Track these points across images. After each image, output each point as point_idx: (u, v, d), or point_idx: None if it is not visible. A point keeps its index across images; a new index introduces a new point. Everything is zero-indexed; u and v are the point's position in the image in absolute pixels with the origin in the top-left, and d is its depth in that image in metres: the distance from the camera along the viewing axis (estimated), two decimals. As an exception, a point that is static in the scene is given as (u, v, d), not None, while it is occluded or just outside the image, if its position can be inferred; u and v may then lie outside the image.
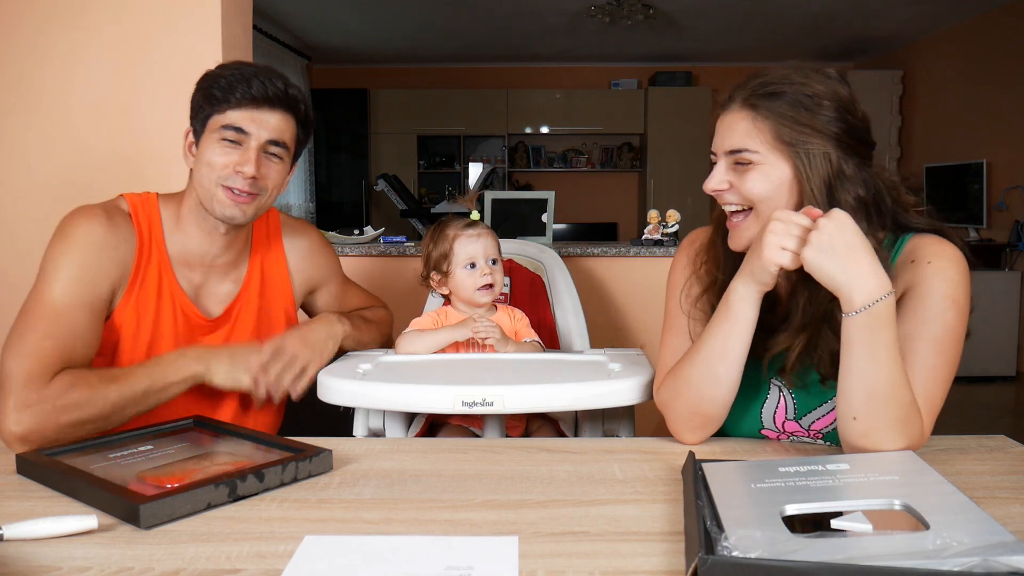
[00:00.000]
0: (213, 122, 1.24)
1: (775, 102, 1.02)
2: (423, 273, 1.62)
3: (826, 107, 1.01)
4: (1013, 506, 0.86)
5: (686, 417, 1.09)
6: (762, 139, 1.02)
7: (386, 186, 3.79)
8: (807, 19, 5.83)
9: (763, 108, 1.02)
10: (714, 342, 1.05)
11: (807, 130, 1.00)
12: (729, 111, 1.07)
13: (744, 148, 1.03)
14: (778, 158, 1.02)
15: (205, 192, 1.26)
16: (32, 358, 1.08)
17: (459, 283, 1.57)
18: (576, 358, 1.46)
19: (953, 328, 1.01)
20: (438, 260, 1.58)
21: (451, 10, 5.64)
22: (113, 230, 1.21)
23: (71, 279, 1.15)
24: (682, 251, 1.25)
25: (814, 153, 1.00)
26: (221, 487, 0.86)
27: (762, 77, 1.05)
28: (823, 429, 1.10)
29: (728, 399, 1.07)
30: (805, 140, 1.00)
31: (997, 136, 5.37)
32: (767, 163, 1.02)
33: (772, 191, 1.03)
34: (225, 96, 1.23)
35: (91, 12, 2.10)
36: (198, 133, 1.27)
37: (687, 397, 1.08)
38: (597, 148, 7.96)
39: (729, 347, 1.04)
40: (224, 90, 1.23)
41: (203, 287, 1.32)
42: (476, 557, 0.73)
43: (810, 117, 1.01)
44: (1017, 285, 4.98)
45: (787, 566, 0.63)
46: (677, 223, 2.90)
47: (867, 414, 0.93)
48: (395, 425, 1.39)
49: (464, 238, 1.58)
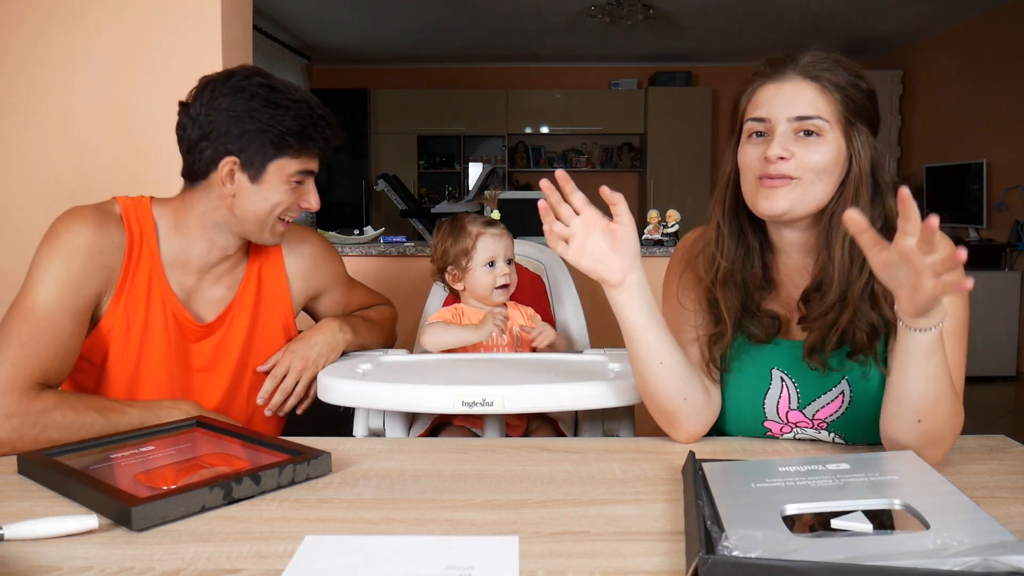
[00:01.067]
0: (281, 165, 1.23)
1: (838, 78, 1.04)
2: (438, 266, 1.63)
3: (871, 94, 1.06)
4: (1013, 506, 0.86)
5: (656, 415, 1.12)
6: (830, 110, 1.04)
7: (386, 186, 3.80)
8: (807, 19, 5.83)
9: (827, 82, 1.04)
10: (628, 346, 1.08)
11: (862, 111, 1.05)
12: (787, 80, 1.05)
13: (817, 115, 1.03)
14: (839, 134, 1.04)
15: (256, 223, 1.25)
16: (14, 365, 1.07)
17: (477, 281, 1.59)
18: (576, 358, 1.46)
19: (963, 318, 1.04)
20: (458, 255, 1.59)
21: (451, 10, 5.64)
22: (102, 232, 1.19)
23: (57, 283, 1.14)
24: (677, 254, 1.25)
25: (864, 135, 1.05)
26: (216, 489, 0.85)
27: (815, 54, 1.06)
28: (827, 418, 1.10)
29: (676, 390, 1.07)
30: (859, 121, 1.05)
31: (997, 136, 5.37)
32: (831, 137, 1.04)
33: (831, 162, 1.04)
34: (302, 145, 1.22)
35: (91, 12, 2.10)
36: (251, 168, 1.22)
37: (643, 397, 1.12)
38: (597, 148, 7.97)
39: (636, 347, 1.06)
40: (299, 139, 1.22)
41: (196, 292, 1.30)
42: (476, 557, 0.73)
43: (863, 99, 1.05)
44: (1017, 285, 4.98)
45: (787, 566, 0.63)
46: (677, 223, 2.90)
47: (932, 413, 0.95)
48: (395, 425, 1.39)
49: (487, 236, 1.60)
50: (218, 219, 1.26)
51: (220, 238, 1.28)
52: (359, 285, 1.60)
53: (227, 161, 1.21)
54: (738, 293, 1.12)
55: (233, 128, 1.19)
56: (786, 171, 1.03)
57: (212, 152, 1.21)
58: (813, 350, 1.07)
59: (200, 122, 1.21)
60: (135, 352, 1.23)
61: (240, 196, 1.23)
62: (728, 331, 1.11)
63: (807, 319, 1.07)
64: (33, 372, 1.08)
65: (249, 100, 1.19)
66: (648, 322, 1.04)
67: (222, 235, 1.27)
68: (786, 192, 1.04)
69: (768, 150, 1.03)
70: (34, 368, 1.08)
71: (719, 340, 1.12)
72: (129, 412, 1.12)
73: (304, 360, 1.34)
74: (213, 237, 1.27)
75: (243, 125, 1.19)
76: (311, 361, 1.35)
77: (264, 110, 1.19)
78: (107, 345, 1.22)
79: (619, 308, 1.04)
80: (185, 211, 1.27)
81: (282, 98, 1.21)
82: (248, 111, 1.19)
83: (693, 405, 1.09)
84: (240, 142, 1.20)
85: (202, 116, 1.20)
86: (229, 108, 1.19)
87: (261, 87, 1.21)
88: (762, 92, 1.07)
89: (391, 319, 1.62)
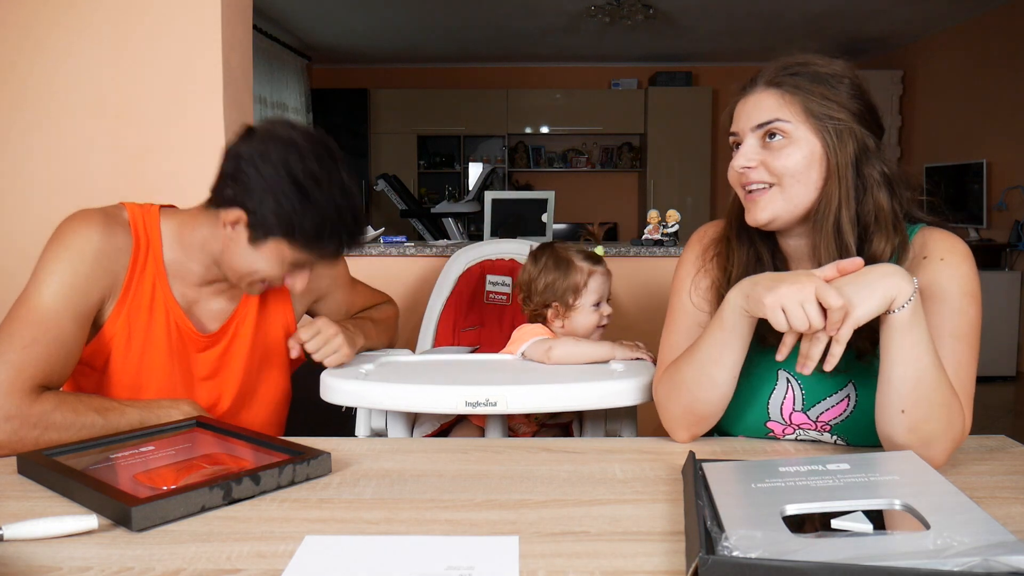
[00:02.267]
0: (281, 248, 1.18)
1: (799, 79, 1.05)
2: (542, 300, 1.56)
3: (846, 83, 1.05)
4: (1013, 506, 0.86)
5: (679, 415, 1.10)
6: (792, 111, 1.04)
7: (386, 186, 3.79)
8: (807, 19, 5.83)
9: (788, 85, 1.05)
10: (709, 348, 1.06)
11: (833, 105, 1.04)
12: (752, 93, 1.08)
13: (776, 118, 1.05)
14: (808, 132, 1.04)
15: (235, 275, 1.23)
16: (15, 367, 1.07)
17: (582, 321, 1.55)
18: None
19: (974, 321, 1.03)
20: (565, 292, 1.53)
21: (451, 10, 5.64)
22: (109, 238, 1.18)
23: (62, 286, 1.13)
24: (691, 246, 1.24)
25: (841, 128, 1.03)
26: (216, 490, 0.85)
27: (780, 61, 1.08)
28: (831, 421, 1.10)
29: (723, 401, 1.08)
30: (832, 114, 1.03)
31: (997, 136, 5.37)
32: (799, 136, 1.04)
33: (803, 165, 1.04)
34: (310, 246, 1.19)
35: (90, 12, 2.10)
36: (254, 231, 1.17)
37: (681, 397, 1.09)
38: (597, 148, 7.96)
39: (723, 354, 1.05)
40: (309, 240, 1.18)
41: (198, 303, 1.29)
42: (476, 557, 0.73)
43: (834, 92, 1.04)
44: (1017, 285, 4.98)
45: (787, 566, 0.63)
46: (677, 223, 2.90)
47: (915, 403, 0.94)
48: (397, 425, 1.39)
49: (599, 276, 1.56)
50: (215, 250, 1.23)
51: (215, 267, 1.26)
52: (361, 285, 1.60)
53: (238, 213, 1.17)
54: None
55: (256, 191, 1.15)
56: (757, 178, 1.06)
57: (232, 195, 1.17)
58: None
59: (239, 163, 1.17)
60: (137, 359, 1.23)
61: (232, 247, 1.20)
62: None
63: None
64: (34, 374, 1.08)
65: (285, 180, 1.15)
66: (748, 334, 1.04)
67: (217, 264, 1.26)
68: (767, 201, 1.06)
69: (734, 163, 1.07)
70: (35, 371, 1.08)
71: None
72: (128, 412, 1.12)
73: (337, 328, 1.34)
74: (209, 265, 1.25)
75: (267, 197, 1.15)
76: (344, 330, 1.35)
77: (292, 197, 1.15)
78: (109, 351, 1.21)
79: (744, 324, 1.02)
80: (192, 228, 1.25)
81: (316, 194, 1.16)
82: (278, 188, 1.14)
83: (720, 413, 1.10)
84: (256, 205, 1.16)
85: (243, 159, 1.16)
86: (265, 173, 1.15)
87: (305, 174, 1.15)
88: (736, 109, 1.11)
89: (394, 317, 1.63)
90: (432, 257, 2.77)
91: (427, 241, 3.29)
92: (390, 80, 7.66)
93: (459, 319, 2.04)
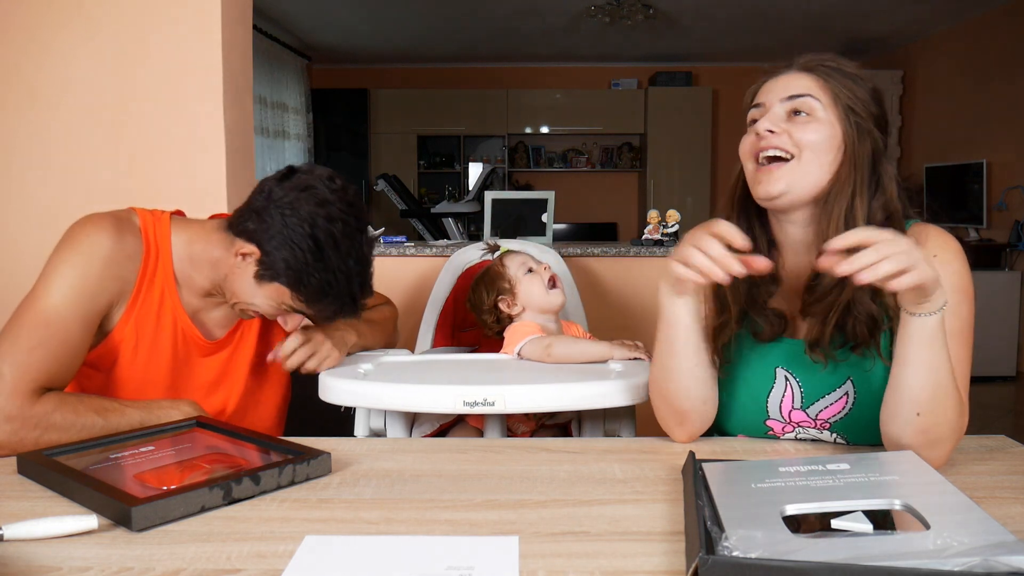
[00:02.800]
0: (282, 293, 1.21)
1: (834, 71, 1.08)
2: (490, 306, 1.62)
3: (868, 87, 1.08)
4: (1013, 506, 0.86)
5: (664, 413, 1.13)
6: (822, 93, 1.07)
7: (386, 186, 3.79)
8: (807, 19, 5.83)
9: (822, 71, 1.08)
10: (661, 342, 1.09)
11: (859, 103, 1.07)
12: (785, 73, 1.11)
13: (808, 94, 1.07)
14: (834, 117, 1.07)
15: (233, 298, 1.24)
16: (20, 369, 1.07)
17: (529, 290, 1.59)
18: (576, 358, 1.46)
19: (967, 318, 1.04)
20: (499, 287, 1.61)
21: (451, 10, 5.64)
22: (120, 243, 1.18)
23: (71, 289, 1.13)
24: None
25: (863, 127, 1.06)
26: (216, 490, 0.85)
27: (814, 53, 1.11)
28: (830, 418, 1.10)
29: (693, 392, 1.09)
30: (857, 112, 1.06)
31: (997, 136, 5.37)
32: (825, 119, 1.06)
33: (826, 143, 1.05)
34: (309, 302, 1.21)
35: (89, 11, 2.10)
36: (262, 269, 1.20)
37: (655, 394, 1.13)
38: (597, 148, 7.97)
39: (674, 344, 1.07)
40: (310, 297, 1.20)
41: (204, 310, 1.29)
42: (476, 557, 0.73)
43: (862, 92, 1.07)
44: (1017, 285, 4.98)
45: (787, 566, 0.63)
46: (677, 223, 2.90)
47: (932, 408, 0.94)
48: (396, 425, 1.39)
49: (508, 255, 1.65)
50: (222, 271, 1.24)
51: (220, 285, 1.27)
52: None
53: (252, 248, 1.19)
54: (744, 283, 1.12)
55: (276, 236, 1.18)
56: (779, 144, 1.06)
57: (253, 230, 1.19)
58: (816, 342, 1.07)
59: (269, 204, 1.19)
60: (143, 364, 1.23)
61: (238, 274, 1.21)
62: (732, 320, 1.11)
63: (807, 303, 1.08)
64: (37, 377, 1.08)
65: (306, 236, 1.17)
66: (695, 323, 1.07)
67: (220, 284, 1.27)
68: (782, 173, 1.06)
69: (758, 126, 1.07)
70: (39, 373, 1.08)
71: (723, 329, 1.13)
72: (129, 413, 1.12)
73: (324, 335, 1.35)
74: (215, 282, 1.26)
75: (283, 243, 1.17)
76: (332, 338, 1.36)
77: (306, 254, 1.17)
78: (116, 355, 1.22)
79: (675, 307, 1.05)
80: (204, 244, 1.25)
81: (333, 257, 1.18)
82: (298, 242, 1.17)
83: (708, 408, 1.11)
84: (272, 251, 1.18)
85: (274, 202, 1.19)
86: (289, 223, 1.17)
87: (327, 236, 1.18)
88: (762, 87, 1.13)
89: (392, 318, 1.63)
90: (432, 257, 2.77)
91: (427, 241, 3.29)
92: (390, 80, 7.66)
93: (458, 319, 2.05)
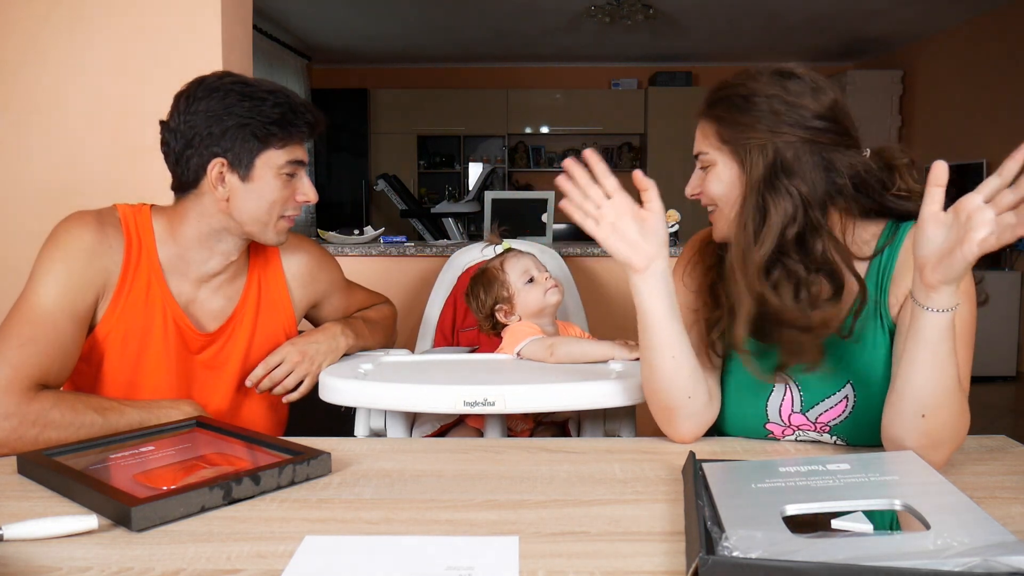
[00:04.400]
0: (269, 158, 1.22)
1: (714, 107, 1.09)
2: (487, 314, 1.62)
3: (759, 103, 1.04)
4: (1013, 506, 0.86)
5: (654, 411, 1.13)
6: (710, 142, 1.10)
7: (386, 186, 3.79)
8: (807, 19, 5.83)
9: (707, 114, 1.11)
10: (641, 338, 1.10)
11: (742, 128, 1.05)
12: (698, 123, 1.14)
13: (700, 152, 1.11)
14: (727, 157, 1.08)
15: (257, 223, 1.25)
16: (13, 366, 1.07)
17: (527, 299, 1.58)
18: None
19: (969, 321, 1.03)
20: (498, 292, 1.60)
21: (451, 10, 5.64)
22: (100, 236, 1.19)
23: (58, 285, 1.14)
24: (684, 252, 1.27)
25: (751, 148, 1.04)
26: (216, 490, 0.85)
27: (713, 87, 1.12)
28: (830, 422, 1.10)
29: (675, 387, 1.08)
30: (743, 138, 1.05)
31: (997, 136, 5.37)
32: (720, 163, 1.09)
33: (726, 190, 1.08)
34: (285, 133, 1.22)
35: (90, 12, 2.10)
36: (240, 166, 1.21)
37: (645, 390, 1.13)
38: (597, 148, 7.94)
39: (651, 339, 1.07)
40: (282, 127, 1.21)
41: (196, 301, 1.29)
42: (476, 557, 0.73)
43: (744, 115, 1.05)
44: (1017, 285, 4.98)
45: (787, 566, 0.63)
46: (677, 223, 2.89)
47: (937, 410, 0.94)
48: (396, 425, 1.39)
49: (510, 258, 1.63)
50: (215, 226, 1.24)
51: (221, 244, 1.27)
52: (357, 287, 1.60)
53: (215, 163, 1.20)
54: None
55: (215, 128, 1.19)
56: (705, 202, 1.13)
57: (198, 158, 1.20)
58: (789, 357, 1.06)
59: (181, 131, 1.20)
60: (133, 357, 1.23)
61: (234, 198, 1.22)
62: (726, 315, 1.11)
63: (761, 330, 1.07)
64: (32, 373, 1.08)
65: (224, 97, 1.19)
66: (667, 314, 1.06)
67: (223, 241, 1.27)
68: (716, 220, 1.13)
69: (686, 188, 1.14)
70: (33, 369, 1.08)
71: (718, 323, 1.13)
72: (128, 412, 1.12)
73: (301, 354, 1.34)
74: (212, 245, 1.26)
75: (224, 123, 1.19)
76: (308, 356, 1.34)
77: (241, 104, 1.19)
78: (103, 350, 1.21)
79: (641, 296, 1.06)
80: (180, 221, 1.26)
81: (257, 90, 1.21)
82: (226, 108, 1.19)
83: (695, 405, 1.09)
84: (224, 141, 1.19)
85: (182, 125, 1.20)
86: (207, 110, 1.19)
87: (235, 84, 1.21)
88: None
89: (391, 318, 1.62)
90: (432, 257, 2.77)
91: (427, 241, 3.29)
92: (390, 80, 7.66)
93: (458, 319, 2.04)
